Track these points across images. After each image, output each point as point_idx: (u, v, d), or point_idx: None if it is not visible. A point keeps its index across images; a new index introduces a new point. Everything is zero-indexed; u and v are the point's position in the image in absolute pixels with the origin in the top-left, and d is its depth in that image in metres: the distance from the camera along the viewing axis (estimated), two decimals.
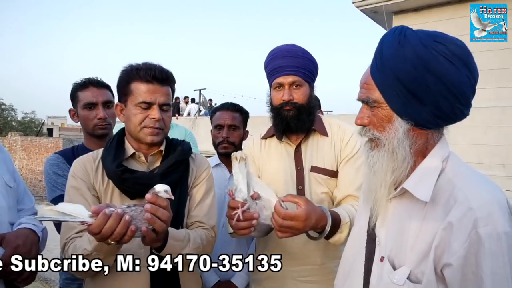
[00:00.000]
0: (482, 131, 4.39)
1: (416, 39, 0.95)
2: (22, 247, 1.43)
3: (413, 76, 0.94)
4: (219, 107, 2.27)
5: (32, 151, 21.15)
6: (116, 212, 1.11)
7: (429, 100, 0.94)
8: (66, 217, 1.10)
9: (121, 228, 1.11)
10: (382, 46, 1.00)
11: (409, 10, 5.38)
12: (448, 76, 0.93)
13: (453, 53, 0.93)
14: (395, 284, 0.97)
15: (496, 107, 4.25)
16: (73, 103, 2.07)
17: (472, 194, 0.91)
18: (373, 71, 1.02)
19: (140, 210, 1.16)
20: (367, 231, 1.13)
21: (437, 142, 1.02)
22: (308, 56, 1.67)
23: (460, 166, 1.00)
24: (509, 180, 4.23)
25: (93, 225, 1.11)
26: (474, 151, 4.41)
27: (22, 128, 36.85)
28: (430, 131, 1.00)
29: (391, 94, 0.98)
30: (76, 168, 1.48)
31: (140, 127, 1.43)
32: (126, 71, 1.46)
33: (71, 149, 2.06)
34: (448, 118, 0.98)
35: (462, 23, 4.44)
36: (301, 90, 1.63)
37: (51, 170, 1.92)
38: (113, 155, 1.46)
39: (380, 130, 1.02)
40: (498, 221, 0.87)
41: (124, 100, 1.47)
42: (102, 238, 1.13)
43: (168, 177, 1.45)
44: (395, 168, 1.00)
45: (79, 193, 1.43)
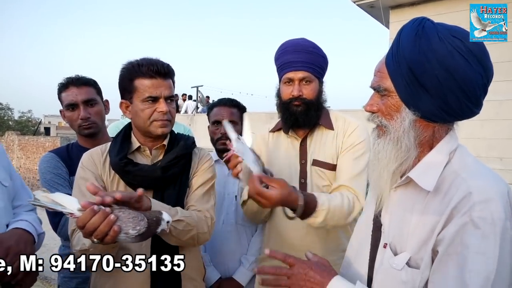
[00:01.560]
0: (479, 125, 4.41)
1: (433, 31, 0.96)
2: (14, 247, 1.38)
3: (425, 68, 0.95)
4: (216, 103, 2.26)
5: (30, 150, 21.06)
6: (103, 210, 1.13)
7: (438, 93, 0.95)
8: (58, 207, 1.14)
9: (104, 226, 1.12)
10: (400, 35, 1.01)
11: (406, 5, 5.37)
12: (460, 72, 0.93)
13: (468, 49, 0.94)
14: (394, 268, 1.00)
15: (493, 100, 4.26)
16: (61, 104, 2.06)
17: (473, 181, 0.93)
18: (388, 59, 1.03)
19: (128, 213, 1.17)
20: (373, 219, 1.15)
21: (445, 135, 1.03)
22: (319, 52, 1.67)
23: (466, 159, 1.01)
24: (506, 173, 4.25)
25: (78, 218, 1.13)
26: (471, 145, 4.42)
27: (19, 127, 36.71)
28: (437, 125, 1.01)
29: (401, 84, 0.99)
30: (85, 160, 1.56)
31: (150, 121, 1.49)
32: (128, 69, 1.50)
33: (66, 147, 2.05)
34: (455, 113, 0.98)
35: (458, 17, 4.43)
36: (310, 86, 1.65)
37: (46, 169, 1.91)
38: (118, 149, 1.52)
39: (388, 119, 1.04)
40: (495, 208, 0.88)
41: (129, 97, 1.51)
42: (85, 233, 1.15)
43: (170, 170, 1.51)
44: (398, 157, 1.02)
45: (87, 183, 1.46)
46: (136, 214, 1.18)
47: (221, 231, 2.08)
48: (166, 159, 1.54)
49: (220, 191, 2.14)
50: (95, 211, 1.12)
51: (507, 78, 4.28)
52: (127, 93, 1.51)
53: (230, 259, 2.10)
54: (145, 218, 1.18)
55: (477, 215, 0.88)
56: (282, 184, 1.40)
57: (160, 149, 1.58)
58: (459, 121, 1.05)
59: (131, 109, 1.52)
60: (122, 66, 1.53)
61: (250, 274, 2.08)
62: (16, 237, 1.43)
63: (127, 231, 1.15)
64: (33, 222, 1.55)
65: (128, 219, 1.15)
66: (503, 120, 4.44)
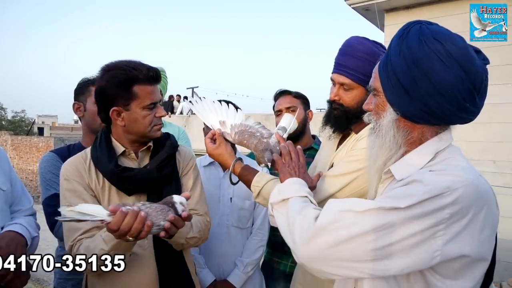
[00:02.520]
0: (473, 128, 4.43)
1: (416, 34, 0.99)
2: (5, 248, 1.40)
3: (404, 70, 0.99)
4: None
5: (23, 151, 20.89)
6: (133, 210, 1.19)
7: (416, 95, 0.98)
8: (87, 217, 1.17)
9: (138, 223, 1.18)
10: (392, 38, 1.06)
11: (401, 8, 5.41)
12: (436, 75, 0.94)
13: (448, 52, 0.94)
14: None
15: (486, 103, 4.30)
16: (82, 96, 2.03)
17: (441, 167, 0.96)
18: (381, 61, 1.09)
19: (155, 207, 1.25)
20: None
21: (435, 136, 1.04)
22: (372, 59, 1.48)
23: (451, 155, 1.01)
24: (500, 176, 4.29)
25: (111, 222, 1.17)
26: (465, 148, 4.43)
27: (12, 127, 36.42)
28: (424, 126, 1.03)
29: (387, 84, 1.04)
30: (67, 171, 1.50)
31: (151, 127, 1.50)
32: (124, 74, 1.44)
33: (67, 147, 2.04)
34: (437, 116, 0.99)
35: (453, 20, 4.48)
36: (351, 93, 1.53)
37: (46, 169, 1.90)
38: (107, 155, 1.49)
39: (377, 117, 1.10)
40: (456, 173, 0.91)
41: (125, 104, 1.45)
42: (120, 234, 1.19)
43: (163, 170, 1.54)
44: (383, 154, 1.06)
45: (76, 195, 1.45)
46: (161, 206, 1.26)
47: (216, 233, 2.08)
48: (156, 160, 1.54)
49: (215, 193, 2.15)
50: (126, 213, 1.18)
51: (500, 81, 4.32)
52: (121, 100, 1.45)
53: (224, 261, 2.11)
54: (170, 208, 1.27)
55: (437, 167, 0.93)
56: (222, 144, 1.54)
57: (145, 151, 1.58)
58: (454, 125, 1.05)
59: (127, 116, 1.47)
60: (112, 71, 1.46)
61: (245, 277, 2.08)
62: (7, 239, 1.44)
63: (158, 223, 1.23)
64: (27, 225, 1.56)
65: (157, 212, 1.23)
66: (496, 124, 4.48)
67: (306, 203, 1.09)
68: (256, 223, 2.21)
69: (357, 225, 0.89)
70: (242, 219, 2.16)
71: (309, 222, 0.96)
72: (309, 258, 0.94)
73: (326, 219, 0.93)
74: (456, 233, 0.87)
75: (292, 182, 1.20)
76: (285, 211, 1.08)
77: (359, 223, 0.89)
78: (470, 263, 0.90)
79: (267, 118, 10.63)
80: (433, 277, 0.91)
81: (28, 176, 19.87)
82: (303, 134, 2.41)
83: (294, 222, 1.00)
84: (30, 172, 19.90)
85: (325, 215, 0.95)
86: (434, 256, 0.87)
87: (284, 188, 1.18)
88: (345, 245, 0.89)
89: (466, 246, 0.88)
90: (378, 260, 0.87)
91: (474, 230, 0.88)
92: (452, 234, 0.86)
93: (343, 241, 0.89)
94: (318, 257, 0.92)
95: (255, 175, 1.49)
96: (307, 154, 2.39)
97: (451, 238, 0.86)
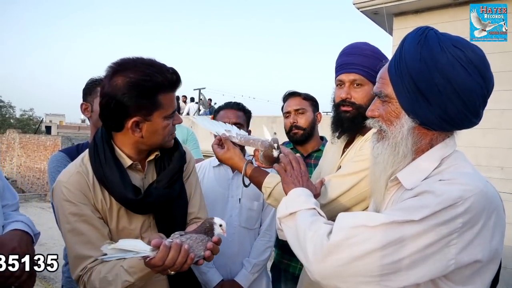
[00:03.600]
0: (481, 134, 4.41)
1: (435, 41, 0.98)
2: (18, 249, 1.37)
3: (425, 76, 0.97)
4: (224, 106, 2.28)
5: (31, 149, 21.07)
6: (176, 243, 1.14)
7: (437, 102, 0.97)
8: (129, 254, 1.13)
9: (182, 257, 1.14)
10: (403, 44, 1.04)
11: (410, 12, 5.38)
12: (460, 82, 0.95)
13: (469, 60, 0.95)
14: None
15: (495, 109, 4.26)
16: (89, 97, 2.05)
17: (450, 175, 0.95)
18: (390, 66, 1.06)
19: (195, 238, 1.21)
20: None
21: (441, 142, 1.04)
22: (378, 56, 1.54)
23: (457, 161, 1.02)
24: (507, 183, 4.25)
25: (156, 258, 1.12)
26: (473, 153, 4.42)
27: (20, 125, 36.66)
28: (436, 133, 1.03)
29: (402, 91, 1.01)
30: (69, 192, 1.31)
31: (168, 136, 1.38)
32: (151, 81, 1.25)
33: (76, 147, 2.06)
34: (453, 122, 1.00)
35: (462, 26, 4.45)
36: (362, 89, 1.53)
37: (55, 169, 1.92)
38: (119, 178, 1.31)
39: (388, 124, 1.06)
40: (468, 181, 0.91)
41: (147, 114, 1.28)
42: (163, 269, 1.15)
43: (175, 184, 1.44)
44: (394, 162, 1.05)
45: (82, 219, 1.31)
46: (200, 236, 1.23)
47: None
48: (168, 174, 1.41)
49: (224, 193, 2.16)
50: (169, 247, 1.13)
51: (509, 87, 4.29)
52: (143, 110, 1.27)
53: (232, 261, 2.12)
54: (207, 237, 1.23)
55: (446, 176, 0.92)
56: (230, 148, 1.57)
57: (151, 160, 1.45)
58: (458, 131, 1.06)
59: (147, 127, 1.30)
60: (130, 75, 1.24)
61: (252, 277, 2.09)
62: (18, 239, 1.42)
63: (199, 255, 1.20)
64: (28, 222, 1.54)
65: (198, 243, 1.20)
66: (505, 130, 4.44)
67: (315, 216, 1.08)
68: (264, 224, 2.23)
69: (371, 241, 0.89)
70: (250, 220, 2.17)
71: (321, 239, 0.95)
72: (325, 275, 0.94)
73: (339, 236, 0.93)
74: (469, 241, 0.88)
75: (297, 194, 1.19)
76: (294, 225, 1.08)
77: (373, 238, 0.89)
78: (481, 268, 0.92)
79: (273, 121, 10.63)
80: (444, 284, 0.92)
81: (35, 174, 20.03)
82: (311, 136, 2.41)
83: (305, 238, 1.00)
84: (37, 170, 20.06)
85: (338, 232, 0.94)
86: (449, 265, 0.88)
87: (290, 201, 1.17)
88: (360, 261, 0.89)
89: (478, 252, 0.89)
90: (394, 272, 0.88)
91: (485, 236, 0.89)
92: (465, 242, 0.88)
93: (358, 257, 0.89)
94: (334, 274, 0.92)
95: (266, 176, 1.50)
96: (315, 156, 2.40)
97: (464, 246, 0.88)
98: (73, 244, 1.32)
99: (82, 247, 1.30)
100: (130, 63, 1.28)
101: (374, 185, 1.14)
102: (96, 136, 1.41)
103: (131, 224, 1.39)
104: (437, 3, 5.08)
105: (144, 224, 1.42)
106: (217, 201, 2.14)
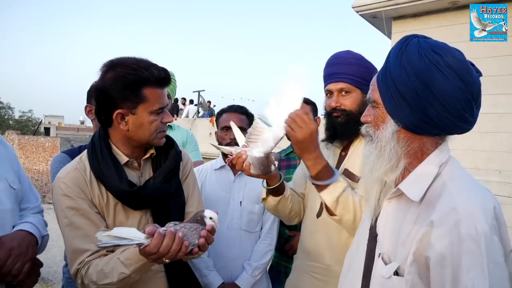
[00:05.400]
0: (478, 137, 4.43)
1: (415, 47, 1.02)
2: (17, 248, 1.39)
3: (404, 81, 1.01)
4: (226, 109, 2.28)
5: (29, 150, 21.05)
6: (170, 231, 1.16)
7: (417, 106, 1.00)
8: (124, 241, 1.14)
9: (176, 245, 1.15)
10: (390, 51, 1.08)
11: (408, 16, 5.41)
12: (436, 85, 0.98)
13: (447, 64, 0.98)
14: (383, 277, 1.04)
15: (493, 113, 4.29)
16: (94, 100, 2.06)
17: (459, 195, 0.96)
18: (379, 74, 1.11)
19: (189, 227, 1.23)
20: (369, 228, 1.18)
21: (436, 148, 1.06)
22: (362, 63, 1.65)
23: (456, 171, 1.04)
24: (505, 186, 4.27)
25: (150, 245, 1.14)
26: (470, 157, 4.44)
27: (19, 126, 36.66)
28: (424, 137, 1.05)
29: (386, 96, 1.06)
30: (67, 186, 1.35)
31: (156, 133, 1.40)
32: (135, 75, 1.31)
33: (78, 148, 2.06)
34: (438, 126, 1.02)
35: (460, 29, 4.48)
36: (350, 96, 1.63)
37: (57, 169, 1.91)
38: (115, 172, 1.37)
39: (376, 129, 1.11)
40: (479, 222, 0.90)
41: (132, 107, 1.34)
42: (158, 257, 1.16)
43: (172, 180, 1.48)
44: (381, 165, 1.07)
45: (80, 213, 1.34)
46: (194, 225, 1.24)
47: (225, 236, 2.10)
48: (163, 171, 1.45)
49: (226, 196, 2.17)
50: (163, 234, 1.15)
51: (506, 91, 4.31)
52: (128, 102, 1.33)
53: (233, 264, 2.13)
54: (201, 226, 1.25)
55: (464, 231, 0.90)
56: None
57: (147, 159, 1.49)
58: (453, 135, 1.08)
59: (132, 120, 1.35)
60: (118, 69, 1.32)
61: (253, 280, 2.10)
62: (19, 239, 1.43)
63: (194, 243, 1.21)
64: (37, 224, 1.56)
65: (192, 232, 1.22)
66: (502, 133, 4.46)
67: None
68: (265, 227, 2.23)
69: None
70: (251, 223, 2.18)
71: None
72: None
73: None
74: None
75: None
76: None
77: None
78: None
79: None
80: None
81: (34, 175, 19.98)
82: None
83: None
84: (36, 171, 20.03)
85: None
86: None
87: None
88: None
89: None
90: None
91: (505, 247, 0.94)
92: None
93: None
94: None
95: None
96: None
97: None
98: (71, 238, 1.35)
99: (80, 241, 1.33)
100: (122, 60, 1.36)
101: (365, 185, 1.17)
102: (94, 135, 1.47)
103: (128, 220, 1.42)
104: (435, 7, 5.11)
105: (141, 220, 1.44)
106: (219, 204, 2.14)
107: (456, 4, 4.87)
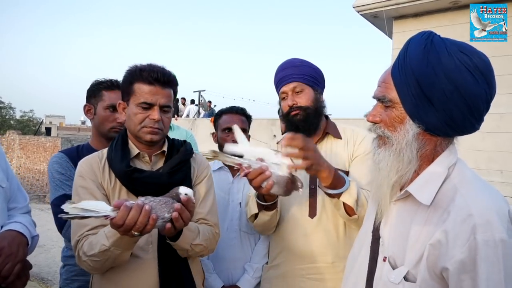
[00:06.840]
0: (480, 137, 4.42)
1: (442, 46, 0.97)
2: (7, 248, 1.36)
3: (432, 81, 0.95)
4: (227, 110, 2.27)
5: (30, 150, 21.04)
6: (137, 204, 1.18)
7: (443, 107, 0.96)
8: (90, 213, 1.16)
9: (143, 217, 1.17)
10: (407, 48, 1.02)
11: (409, 16, 5.41)
12: (466, 87, 0.94)
13: (476, 66, 0.95)
14: (392, 282, 1.00)
15: (494, 113, 4.27)
16: (93, 100, 2.04)
17: (473, 200, 0.93)
18: (394, 71, 1.04)
19: (159, 201, 1.23)
20: (372, 231, 1.16)
21: (445, 149, 1.03)
22: (307, 64, 1.78)
23: (466, 173, 1.01)
24: (507, 186, 4.26)
25: (116, 217, 1.17)
26: (472, 157, 4.43)
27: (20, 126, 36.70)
28: (439, 138, 1.02)
29: (407, 96, 1.00)
30: (83, 168, 1.52)
31: (140, 126, 1.49)
32: (130, 72, 1.51)
33: (76, 148, 2.05)
34: (458, 128, 0.99)
35: (460, 29, 4.47)
36: (304, 93, 1.73)
37: (55, 169, 1.91)
38: (120, 156, 1.50)
39: (391, 130, 1.04)
40: (496, 228, 0.88)
41: (127, 99, 1.52)
42: (126, 229, 1.18)
43: (174, 176, 1.52)
44: (399, 169, 1.02)
45: (89, 192, 1.47)
46: (165, 199, 1.25)
47: (225, 238, 2.08)
48: (169, 165, 1.53)
49: (225, 197, 2.16)
50: (130, 207, 1.17)
51: (508, 91, 4.30)
52: (125, 95, 1.53)
53: (233, 266, 2.11)
54: (173, 200, 1.26)
55: (480, 238, 0.87)
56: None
57: (159, 155, 1.59)
58: (459, 136, 1.06)
59: (127, 111, 1.53)
60: (127, 68, 1.55)
61: (255, 282, 2.07)
62: (10, 239, 1.41)
63: (163, 216, 1.21)
64: (27, 224, 1.53)
65: (161, 205, 1.22)
66: (504, 133, 4.45)
67: None
68: None
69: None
70: (251, 224, 2.15)
71: None
72: None
73: None
74: None
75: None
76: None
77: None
78: None
79: (273, 123, 10.63)
80: None
81: (35, 175, 19.98)
82: None
83: None
84: (37, 171, 20.03)
85: None
86: None
87: None
88: None
89: None
90: None
91: None
92: None
93: None
94: None
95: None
96: None
97: None
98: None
99: None
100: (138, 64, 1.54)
101: (376, 192, 1.10)
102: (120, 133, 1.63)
103: None
104: (436, 7, 5.10)
105: None
106: (218, 205, 2.12)
107: (456, 4, 4.87)
